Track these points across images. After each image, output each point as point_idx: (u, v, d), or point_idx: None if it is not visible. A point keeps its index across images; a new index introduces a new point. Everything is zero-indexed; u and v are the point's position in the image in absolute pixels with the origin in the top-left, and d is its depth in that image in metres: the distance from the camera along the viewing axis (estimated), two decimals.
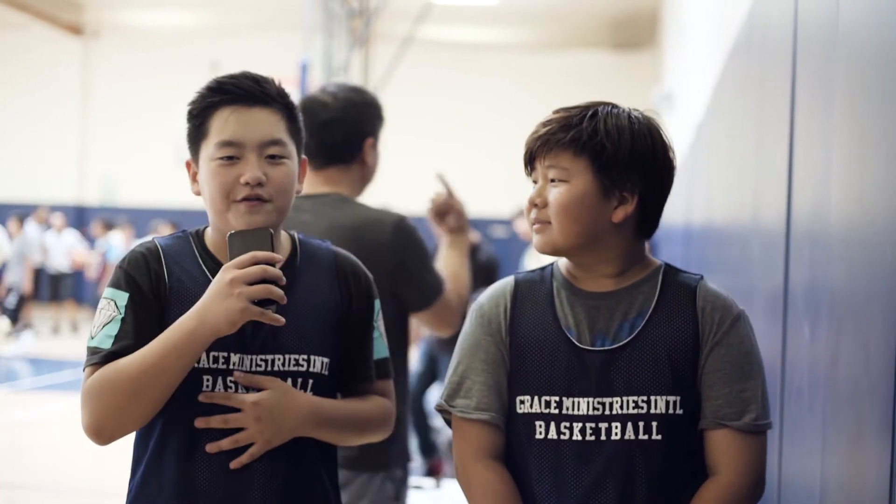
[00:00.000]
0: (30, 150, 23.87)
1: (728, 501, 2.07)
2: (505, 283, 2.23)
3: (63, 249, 18.64)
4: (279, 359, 2.20)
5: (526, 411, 2.12)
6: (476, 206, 22.08)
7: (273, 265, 2.08)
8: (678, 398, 2.07)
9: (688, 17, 11.22)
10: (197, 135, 2.26)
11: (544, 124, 2.14)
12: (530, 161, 2.16)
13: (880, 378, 1.91)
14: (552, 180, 2.11)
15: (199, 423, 2.15)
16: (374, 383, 2.37)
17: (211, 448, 2.15)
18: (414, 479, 5.89)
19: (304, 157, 2.32)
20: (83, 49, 23.91)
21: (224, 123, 2.21)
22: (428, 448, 7.90)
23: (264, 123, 2.21)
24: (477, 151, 22.64)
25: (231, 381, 2.17)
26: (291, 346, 2.20)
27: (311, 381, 2.22)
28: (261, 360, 2.19)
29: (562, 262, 2.22)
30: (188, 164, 2.31)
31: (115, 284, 2.20)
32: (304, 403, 2.19)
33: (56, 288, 18.25)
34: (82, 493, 7.74)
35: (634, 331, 2.10)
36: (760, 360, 2.14)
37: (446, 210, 3.46)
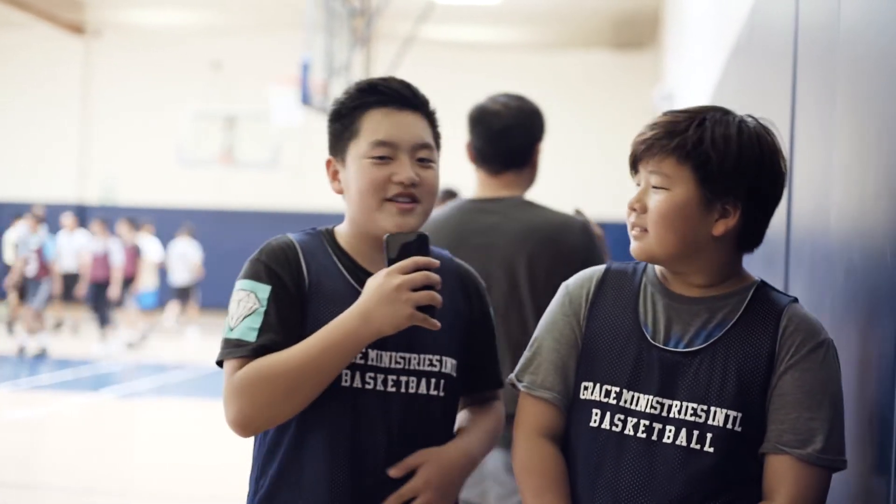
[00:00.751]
0: (30, 149, 23.89)
1: None
2: (595, 269, 2.21)
3: (73, 250, 18.65)
4: (415, 358, 2.22)
5: (587, 397, 2.09)
6: None
7: (432, 270, 2.12)
8: (739, 415, 1.98)
9: (689, 16, 11.22)
10: (345, 133, 2.27)
11: (651, 127, 2.07)
12: (634, 164, 2.10)
13: (881, 379, 1.91)
14: (654, 186, 2.05)
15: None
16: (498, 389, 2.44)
17: None
18: None
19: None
20: (84, 48, 23.92)
21: (378, 124, 2.24)
22: None
23: (416, 127, 2.26)
24: None
25: (370, 377, 2.19)
26: (426, 345, 2.23)
27: (442, 382, 2.25)
28: (400, 357, 2.21)
29: None
30: (328, 163, 2.31)
31: (255, 276, 2.19)
32: (458, 455, 2.26)
33: (69, 288, 18.28)
34: (81, 493, 7.74)
35: (710, 339, 2.03)
36: (840, 393, 1.99)
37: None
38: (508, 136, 3.41)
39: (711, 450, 1.98)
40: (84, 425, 10.59)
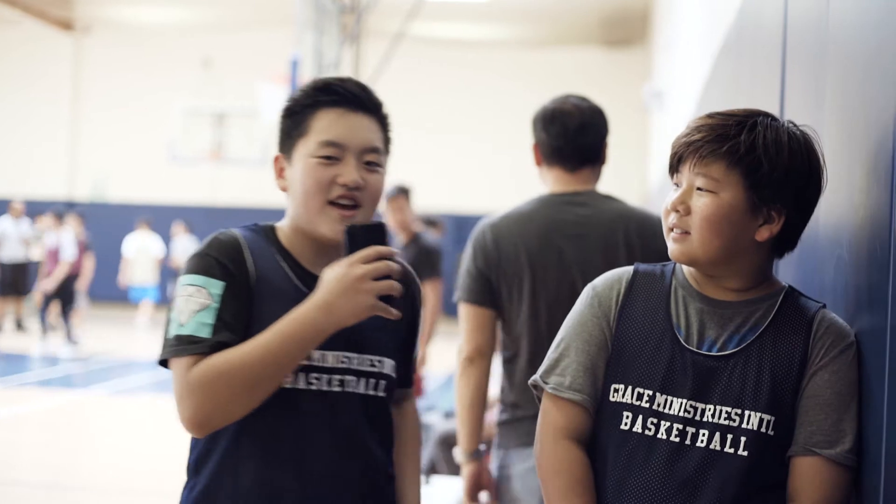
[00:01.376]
0: (20, 145, 23.83)
1: None
2: (624, 270, 2.19)
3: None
4: (356, 358, 2.22)
5: (617, 399, 2.07)
6: (465, 202, 22.13)
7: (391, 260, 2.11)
8: (773, 418, 1.98)
9: (679, 14, 11.23)
10: (295, 131, 2.25)
11: (698, 129, 2.04)
12: (677, 164, 2.07)
13: (870, 374, 1.92)
14: (700, 189, 2.02)
15: None
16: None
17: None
18: None
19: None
20: (74, 45, 23.86)
21: (329, 124, 2.22)
22: None
23: (366, 130, 2.26)
24: (467, 148, 22.65)
25: (314, 378, 2.18)
26: (368, 346, 2.23)
27: (383, 383, 2.26)
28: (344, 357, 2.21)
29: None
30: (276, 159, 2.29)
31: (205, 272, 2.14)
32: None
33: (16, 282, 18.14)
34: (73, 489, 7.74)
35: (743, 343, 2.02)
36: (858, 393, 2.00)
37: None
38: (584, 133, 3.57)
39: (745, 453, 1.98)
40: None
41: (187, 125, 20.73)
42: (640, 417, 2.04)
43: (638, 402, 2.05)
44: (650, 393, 2.04)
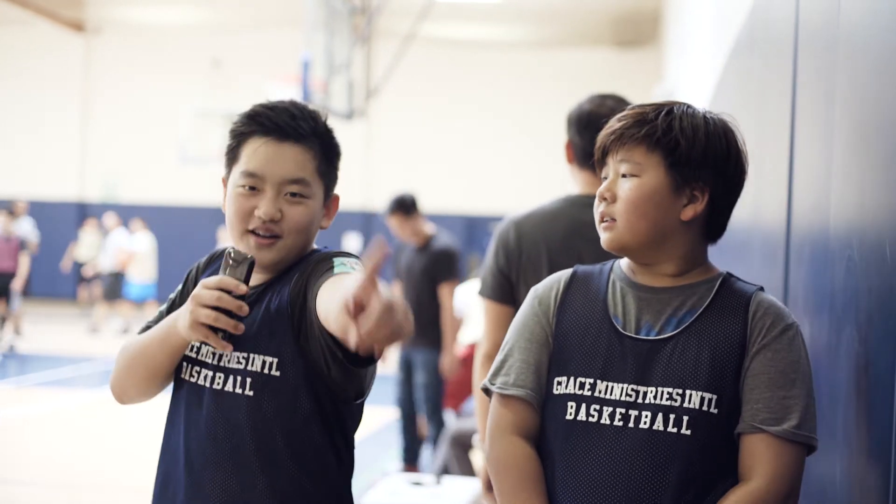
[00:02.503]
0: (31, 146, 23.88)
1: None
2: (564, 272, 2.25)
3: (113, 249, 18.74)
4: (235, 356, 2.24)
5: (561, 392, 2.11)
6: (477, 203, 22.12)
7: (239, 295, 2.11)
8: (714, 397, 2.02)
9: (690, 14, 11.21)
10: (230, 157, 2.31)
11: (619, 119, 2.12)
12: (603, 156, 2.15)
13: (880, 376, 1.92)
14: (623, 175, 2.10)
15: None
16: None
17: None
18: (414, 476, 5.89)
19: (336, 194, 2.37)
20: (85, 46, 23.91)
21: (252, 154, 2.25)
22: (412, 455, 7.94)
23: (290, 161, 2.24)
24: (479, 149, 22.65)
25: (195, 371, 2.26)
26: (239, 343, 2.22)
27: (249, 381, 2.24)
28: (242, 357, 2.23)
29: (623, 260, 2.21)
30: (224, 181, 2.34)
31: (184, 278, 2.43)
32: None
33: (113, 287, 18.35)
34: (80, 489, 7.75)
35: (681, 326, 2.07)
36: (810, 374, 2.06)
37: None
38: None
39: (689, 432, 2.01)
40: (68, 423, 10.59)
41: (198, 126, 20.75)
42: (584, 405, 2.08)
43: (580, 392, 2.09)
44: (591, 381, 2.09)
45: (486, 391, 2.21)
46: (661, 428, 2.02)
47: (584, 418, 2.07)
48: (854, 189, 2.13)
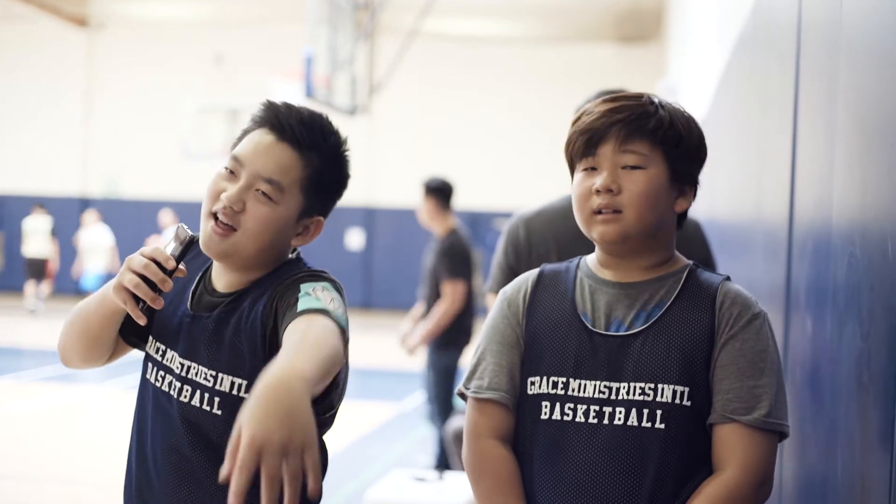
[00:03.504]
0: (33, 141, 23.89)
1: (730, 497, 2.00)
2: (530, 272, 2.26)
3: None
4: (194, 368, 2.19)
5: (535, 392, 2.12)
6: (479, 199, 22.11)
7: (166, 269, 2.11)
8: (686, 389, 2.03)
9: (693, 10, 11.20)
10: (237, 140, 2.26)
11: (617, 110, 2.10)
12: (592, 145, 2.11)
13: (881, 372, 1.92)
14: (628, 167, 2.09)
15: None
16: None
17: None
18: (417, 472, 5.90)
19: (319, 218, 2.24)
20: (87, 41, 23.91)
21: (248, 141, 2.20)
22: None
23: (275, 161, 2.15)
24: (481, 145, 22.64)
25: (160, 375, 2.21)
26: (204, 360, 2.20)
27: (217, 399, 2.17)
28: (180, 362, 2.19)
29: (590, 256, 2.22)
30: None
31: None
32: (275, 380, 1.71)
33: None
34: (83, 483, 7.76)
35: (650, 320, 2.08)
36: (778, 362, 2.08)
37: None
38: None
39: (663, 426, 2.03)
40: (71, 418, 10.60)
41: (200, 121, 20.75)
42: (558, 404, 2.09)
43: (553, 391, 2.10)
44: (564, 380, 2.09)
45: (462, 395, 2.22)
46: (636, 423, 2.04)
47: (559, 417, 2.08)
48: (856, 186, 2.13)
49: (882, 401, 1.90)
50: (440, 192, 7.64)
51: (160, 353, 2.23)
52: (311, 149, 2.18)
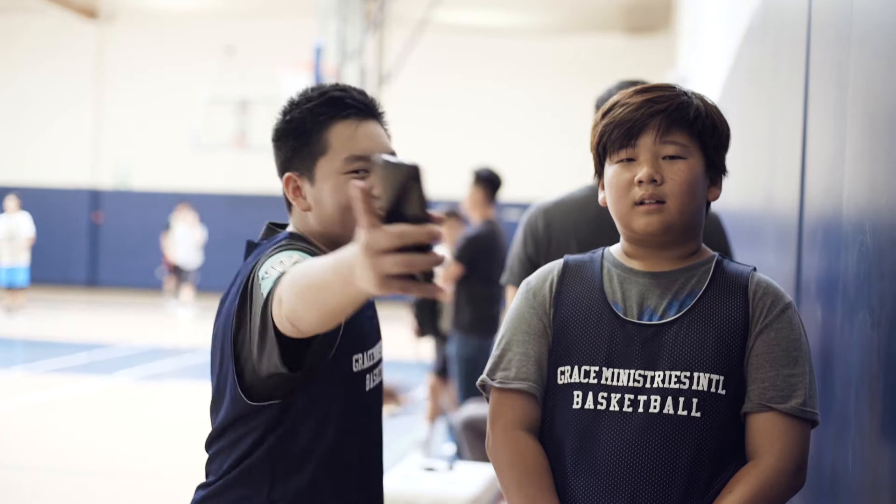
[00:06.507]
0: (44, 133, 23.94)
1: (767, 485, 2.00)
2: (555, 263, 2.25)
3: (193, 243, 19.23)
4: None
5: (566, 381, 2.10)
6: None
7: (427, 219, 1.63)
8: (721, 378, 2.03)
9: (703, 0, 11.18)
10: (310, 149, 2.20)
11: (654, 100, 2.11)
12: (632, 136, 2.10)
13: (892, 360, 1.92)
14: (669, 157, 2.09)
15: None
16: None
17: None
18: (427, 461, 5.90)
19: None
20: (98, 33, 23.94)
21: (348, 138, 2.19)
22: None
23: (383, 137, 2.25)
24: (490, 135, 22.63)
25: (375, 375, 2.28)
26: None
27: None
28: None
29: (614, 247, 2.22)
30: (288, 179, 2.23)
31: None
32: None
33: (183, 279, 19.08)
34: (96, 475, 7.78)
35: (683, 309, 2.08)
36: (809, 351, 2.09)
37: None
38: None
39: (699, 414, 2.03)
40: (87, 409, 10.63)
41: (210, 113, 20.79)
42: (591, 394, 2.08)
43: (586, 380, 2.09)
44: (596, 369, 2.09)
45: (484, 387, 2.20)
46: (671, 411, 2.03)
47: (593, 406, 2.07)
48: (867, 174, 2.13)
49: (892, 388, 1.90)
50: (489, 182, 7.74)
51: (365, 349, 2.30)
52: (382, 115, 2.30)
